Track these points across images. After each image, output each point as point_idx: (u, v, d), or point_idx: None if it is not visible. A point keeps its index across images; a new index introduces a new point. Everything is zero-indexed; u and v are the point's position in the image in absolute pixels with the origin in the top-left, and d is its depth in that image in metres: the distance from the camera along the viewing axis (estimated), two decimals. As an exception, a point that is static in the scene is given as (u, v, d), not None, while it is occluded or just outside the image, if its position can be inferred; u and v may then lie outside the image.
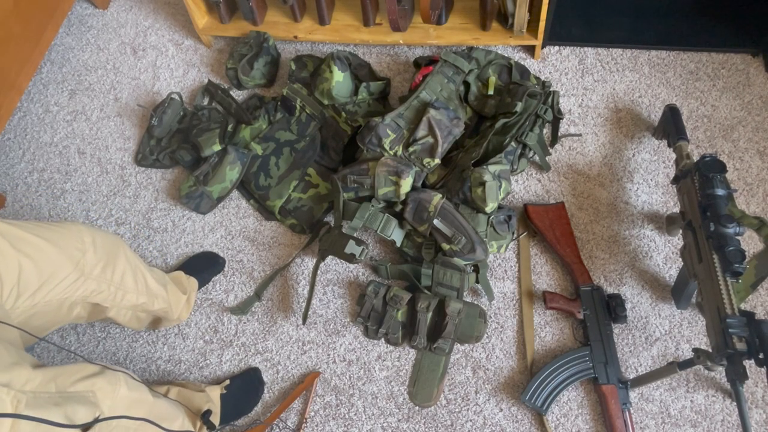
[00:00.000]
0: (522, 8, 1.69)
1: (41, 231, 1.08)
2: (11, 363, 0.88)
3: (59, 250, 1.09)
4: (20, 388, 0.85)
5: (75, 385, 0.94)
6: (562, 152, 1.75)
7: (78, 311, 1.23)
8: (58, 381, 0.92)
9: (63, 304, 1.14)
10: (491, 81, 1.71)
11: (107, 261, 1.19)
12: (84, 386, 0.95)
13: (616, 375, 1.42)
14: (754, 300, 1.52)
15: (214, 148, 1.70)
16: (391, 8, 1.73)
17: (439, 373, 1.49)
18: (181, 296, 1.51)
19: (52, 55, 2.06)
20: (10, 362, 0.88)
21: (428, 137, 1.58)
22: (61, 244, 1.10)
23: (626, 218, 1.64)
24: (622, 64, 1.86)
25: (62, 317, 1.20)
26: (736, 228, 1.26)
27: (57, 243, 1.09)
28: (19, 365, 0.88)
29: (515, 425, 1.44)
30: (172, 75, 1.99)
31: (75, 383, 0.94)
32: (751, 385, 1.43)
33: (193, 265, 1.64)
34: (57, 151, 1.89)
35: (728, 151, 1.70)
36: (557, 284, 1.58)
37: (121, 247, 1.26)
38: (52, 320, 1.18)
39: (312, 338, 1.57)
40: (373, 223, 1.54)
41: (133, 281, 1.26)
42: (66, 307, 1.17)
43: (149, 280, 1.33)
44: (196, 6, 1.89)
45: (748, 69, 1.81)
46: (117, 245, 1.24)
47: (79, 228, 1.16)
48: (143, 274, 1.31)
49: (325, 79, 1.73)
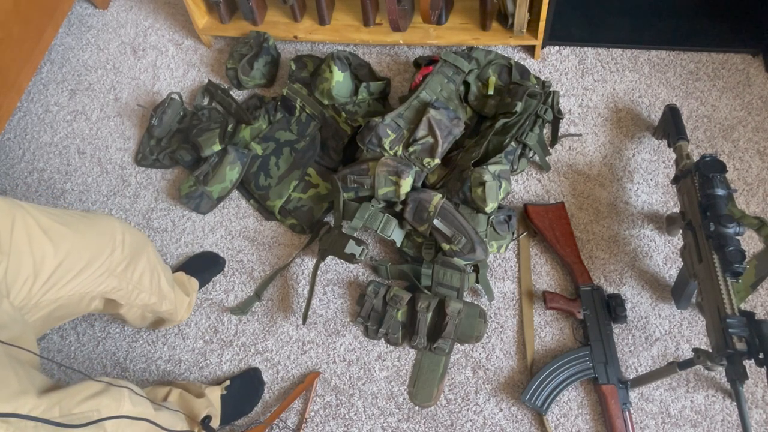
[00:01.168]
0: (522, 8, 1.69)
1: (77, 223, 1.10)
2: (18, 391, 0.87)
3: (92, 245, 1.10)
4: (26, 414, 0.86)
5: (80, 406, 0.93)
6: (562, 152, 1.75)
7: (96, 304, 1.24)
8: (63, 404, 0.91)
9: (85, 297, 1.16)
10: (491, 81, 1.71)
11: (131, 260, 1.20)
12: (89, 406, 0.95)
13: (616, 375, 1.42)
14: (754, 300, 1.52)
15: (214, 148, 1.70)
16: (391, 8, 1.73)
17: (439, 373, 1.49)
18: (184, 298, 1.52)
19: (52, 55, 2.06)
20: (17, 390, 0.87)
21: (428, 137, 1.58)
22: (94, 239, 1.11)
23: (626, 218, 1.64)
24: (622, 64, 1.86)
25: (82, 309, 1.21)
26: (736, 228, 1.26)
27: (91, 238, 1.10)
28: (25, 394, 0.88)
29: (515, 425, 1.44)
30: (172, 75, 1.99)
31: (80, 404, 0.94)
32: (751, 385, 1.43)
33: (194, 266, 1.64)
34: (57, 151, 1.89)
35: (728, 151, 1.70)
36: (557, 284, 1.58)
37: (146, 246, 1.27)
38: (73, 312, 1.20)
39: (312, 338, 1.57)
40: (373, 223, 1.54)
41: (149, 281, 1.27)
42: (87, 300, 1.19)
43: (162, 282, 1.34)
44: (196, 6, 1.89)
45: (748, 69, 1.81)
46: (143, 245, 1.26)
47: (113, 224, 1.18)
48: (158, 274, 1.32)
49: (325, 79, 1.73)
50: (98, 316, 1.63)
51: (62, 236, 1.05)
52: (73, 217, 1.11)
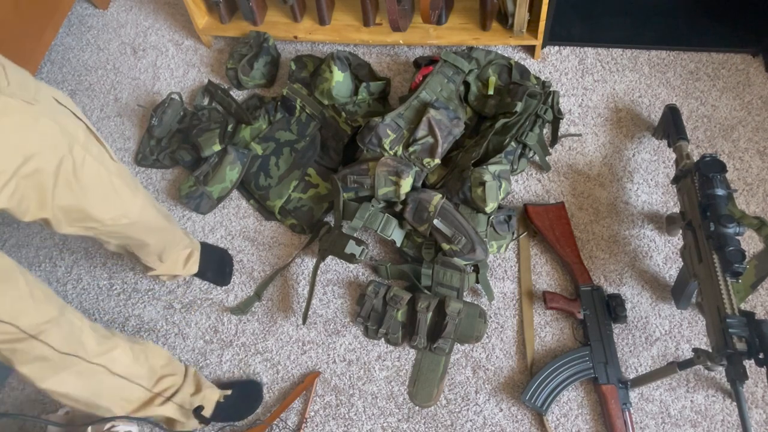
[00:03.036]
0: (522, 8, 1.69)
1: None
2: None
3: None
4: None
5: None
6: (562, 152, 1.75)
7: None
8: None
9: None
10: (491, 81, 1.71)
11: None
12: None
13: (616, 375, 1.42)
14: (754, 300, 1.52)
15: (214, 148, 1.70)
16: (391, 8, 1.73)
17: (439, 373, 1.49)
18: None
19: (52, 55, 2.06)
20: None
21: (428, 137, 1.58)
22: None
23: (626, 218, 1.64)
24: (622, 64, 1.86)
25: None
26: (736, 228, 1.26)
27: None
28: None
29: (515, 425, 1.44)
30: (172, 75, 1.99)
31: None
32: (751, 385, 1.43)
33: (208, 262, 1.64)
34: (57, 151, 1.89)
35: (728, 151, 1.70)
36: (557, 284, 1.58)
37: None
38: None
39: (312, 338, 1.57)
40: (373, 223, 1.54)
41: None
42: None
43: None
44: (196, 6, 1.89)
45: (748, 69, 1.81)
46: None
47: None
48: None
49: (325, 79, 1.73)
50: (98, 316, 1.63)
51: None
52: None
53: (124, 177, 1.20)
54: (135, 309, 1.64)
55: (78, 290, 1.67)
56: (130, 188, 1.21)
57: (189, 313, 1.62)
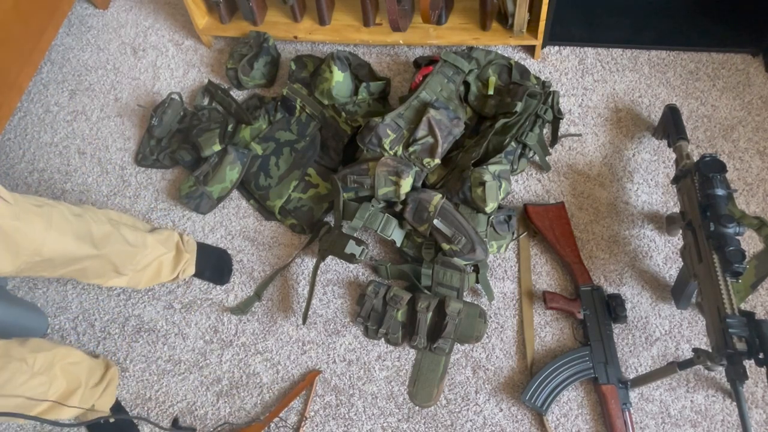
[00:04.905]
0: (522, 8, 1.69)
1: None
2: None
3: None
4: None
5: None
6: (562, 152, 1.75)
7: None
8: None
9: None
10: (491, 81, 1.71)
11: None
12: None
13: (616, 375, 1.42)
14: (754, 300, 1.52)
15: (214, 148, 1.70)
16: (391, 8, 1.73)
17: (439, 373, 1.49)
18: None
19: (52, 55, 2.06)
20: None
21: (428, 137, 1.58)
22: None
23: (626, 218, 1.64)
24: (622, 64, 1.86)
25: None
26: (736, 228, 1.26)
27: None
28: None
29: (515, 425, 1.44)
30: (172, 75, 1.99)
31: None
32: (751, 385, 1.43)
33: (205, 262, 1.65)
34: (57, 152, 1.89)
35: (728, 151, 1.70)
36: (557, 284, 1.58)
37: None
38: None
39: (312, 338, 1.57)
40: (373, 223, 1.54)
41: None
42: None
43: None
44: (196, 6, 1.89)
45: (748, 69, 1.81)
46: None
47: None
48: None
49: (325, 79, 1.73)
50: (98, 316, 1.63)
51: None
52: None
53: (24, 215, 1.12)
54: (135, 309, 1.64)
55: (78, 290, 1.67)
56: (35, 224, 1.14)
57: (189, 313, 1.63)
